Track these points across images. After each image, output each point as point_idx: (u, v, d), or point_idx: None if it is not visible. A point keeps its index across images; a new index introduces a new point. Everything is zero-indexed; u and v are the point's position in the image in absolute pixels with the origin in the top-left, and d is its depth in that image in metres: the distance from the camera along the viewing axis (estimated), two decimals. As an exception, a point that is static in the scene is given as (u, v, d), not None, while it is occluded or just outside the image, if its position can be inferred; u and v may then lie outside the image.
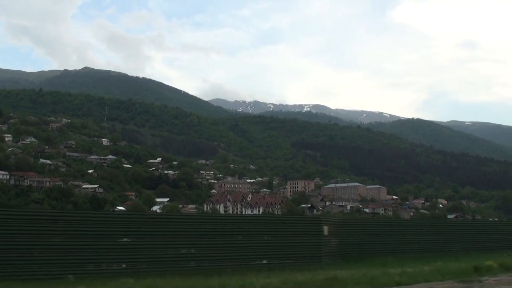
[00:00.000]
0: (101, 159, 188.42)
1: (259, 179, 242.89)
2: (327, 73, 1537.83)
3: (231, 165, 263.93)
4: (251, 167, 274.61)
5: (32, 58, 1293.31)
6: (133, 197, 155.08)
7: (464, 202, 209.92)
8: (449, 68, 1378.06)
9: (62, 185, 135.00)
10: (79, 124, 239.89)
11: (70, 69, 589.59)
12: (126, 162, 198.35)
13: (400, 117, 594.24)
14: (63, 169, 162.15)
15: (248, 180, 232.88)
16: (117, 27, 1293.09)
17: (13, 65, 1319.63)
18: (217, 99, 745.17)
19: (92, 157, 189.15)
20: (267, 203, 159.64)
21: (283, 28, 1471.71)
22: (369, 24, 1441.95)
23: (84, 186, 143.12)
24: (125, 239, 18.68)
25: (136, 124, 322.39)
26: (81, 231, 17.85)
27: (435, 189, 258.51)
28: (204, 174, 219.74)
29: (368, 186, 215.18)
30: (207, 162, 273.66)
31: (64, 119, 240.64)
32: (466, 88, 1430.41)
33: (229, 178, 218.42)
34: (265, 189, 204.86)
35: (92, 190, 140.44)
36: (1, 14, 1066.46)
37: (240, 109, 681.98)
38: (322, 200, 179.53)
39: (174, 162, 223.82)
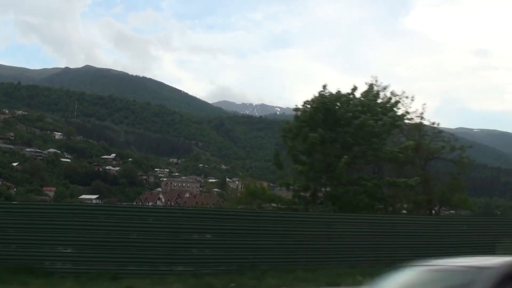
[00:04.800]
0: (37, 152, 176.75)
1: (228, 179, 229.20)
2: (337, 77, 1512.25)
3: (200, 164, 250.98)
4: (222, 167, 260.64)
5: (40, 56, 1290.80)
6: (52, 192, 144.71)
7: (435, 208, 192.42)
8: (461, 75, 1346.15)
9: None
10: (35, 117, 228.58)
11: (73, 67, 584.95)
12: (68, 156, 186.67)
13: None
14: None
15: (211, 180, 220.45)
16: (126, 26, 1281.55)
17: (20, 62, 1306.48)
18: (224, 101, 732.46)
19: (28, 149, 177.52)
20: (197, 202, 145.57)
21: (295, 31, 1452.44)
22: (381, 30, 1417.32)
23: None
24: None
25: (113, 121, 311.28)
26: None
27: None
28: (158, 172, 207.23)
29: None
30: (178, 161, 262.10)
31: (20, 112, 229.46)
32: (478, 96, 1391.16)
33: (184, 177, 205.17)
34: (216, 189, 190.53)
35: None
36: (9, 12, 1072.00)
37: (246, 112, 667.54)
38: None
39: (129, 159, 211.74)
